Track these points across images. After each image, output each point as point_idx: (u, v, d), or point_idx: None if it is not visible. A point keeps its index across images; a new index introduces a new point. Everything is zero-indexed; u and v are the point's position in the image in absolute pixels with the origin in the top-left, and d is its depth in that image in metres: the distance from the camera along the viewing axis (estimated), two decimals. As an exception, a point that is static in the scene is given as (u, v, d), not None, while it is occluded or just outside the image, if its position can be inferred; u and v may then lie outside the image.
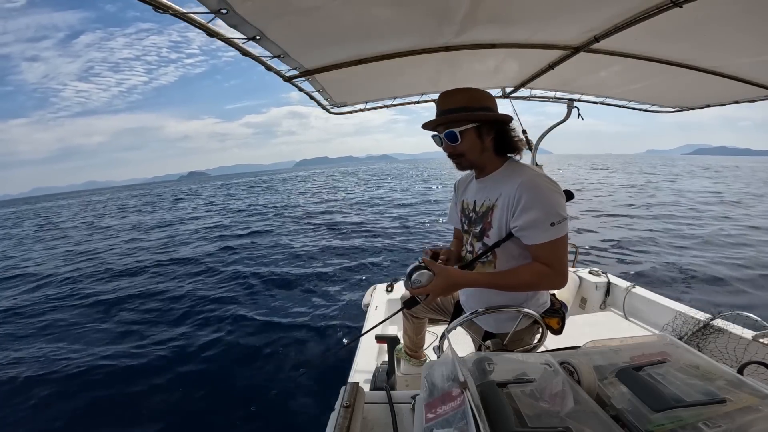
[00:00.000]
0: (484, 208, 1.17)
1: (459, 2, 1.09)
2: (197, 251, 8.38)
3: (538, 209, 1.01)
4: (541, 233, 1.01)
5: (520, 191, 1.03)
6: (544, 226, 1.00)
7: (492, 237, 1.14)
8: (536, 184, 1.04)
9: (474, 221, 1.22)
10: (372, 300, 2.58)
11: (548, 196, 1.02)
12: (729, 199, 13.59)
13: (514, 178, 1.08)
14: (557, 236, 1.01)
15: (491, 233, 1.14)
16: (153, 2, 0.74)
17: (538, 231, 1.01)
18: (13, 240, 14.61)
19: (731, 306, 3.78)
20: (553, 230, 1.00)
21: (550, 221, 1.00)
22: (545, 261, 1.03)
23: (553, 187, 1.05)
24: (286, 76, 1.49)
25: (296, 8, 0.99)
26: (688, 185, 19.99)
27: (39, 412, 2.89)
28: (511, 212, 1.06)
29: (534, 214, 1.01)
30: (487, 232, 1.15)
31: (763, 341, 1.62)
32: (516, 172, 1.11)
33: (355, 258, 6.87)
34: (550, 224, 1.00)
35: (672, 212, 10.71)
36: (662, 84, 1.97)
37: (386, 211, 13.38)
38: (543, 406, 0.59)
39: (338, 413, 0.75)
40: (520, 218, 1.03)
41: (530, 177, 1.05)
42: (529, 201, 1.02)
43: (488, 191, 1.16)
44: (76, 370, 3.41)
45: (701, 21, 1.19)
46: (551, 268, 1.03)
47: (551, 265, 1.03)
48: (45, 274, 7.55)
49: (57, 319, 4.90)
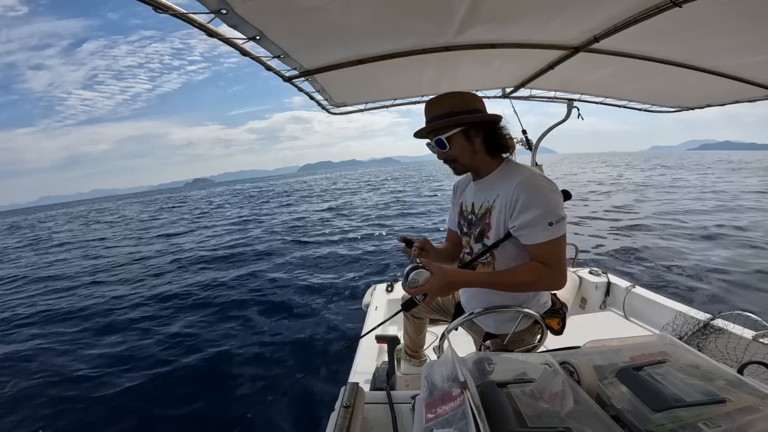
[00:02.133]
0: (482, 210, 1.17)
1: (459, 2, 1.09)
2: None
3: (536, 209, 1.01)
4: (539, 233, 1.01)
5: (518, 191, 1.03)
6: (542, 225, 1.00)
7: (491, 238, 1.13)
8: (534, 184, 1.04)
9: (473, 223, 1.22)
10: (372, 300, 2.58)
11: (546, 196, 1.02)
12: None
13: (511, 178, 1.08)
14: (555, 236, 1.01)
15: (491, 234, 1.13)
16: (153, 2, 0.74)
17: (536, 231, 1.01)
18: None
19: (731, 306, 3.78)
20: (551, 230, 1.00)
21: (548, 221, 1.00)
22: (543, 261, 1.03)
23: (551, 187, 1.05)
24: (286, 76, 1.49)
25: (296, 8, 0.99)
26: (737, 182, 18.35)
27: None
28: (509, 212, 1.06)
29: (532, 213, 1.01)
30: (486, 233, 1.15)
31: (763, 341, 1.62)
32: (513, 172, 1.11)
33: (355, 258, 6.87)
34: (548, 224, 1.00)
35: (679, 208, 10.65)
36: (662, 84, 1.97)
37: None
38: (543, 406, 0.59)
39: (338, 413, 0.75)
40: (518, 218, 1.03)
41: (528, 177, 1.05)
42: (527, 201, 1.02)
43: (486, 193, 1.16)
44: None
45: (701, 21, 1.19)
46: (550, 268, 1.02)
47: (550, 265, 1.02)
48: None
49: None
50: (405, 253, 1.25)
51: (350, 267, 6.34)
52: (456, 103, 1.10)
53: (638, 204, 12.13)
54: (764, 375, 0.86)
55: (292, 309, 4.56)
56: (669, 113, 2.60)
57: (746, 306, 3.41)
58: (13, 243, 16.91)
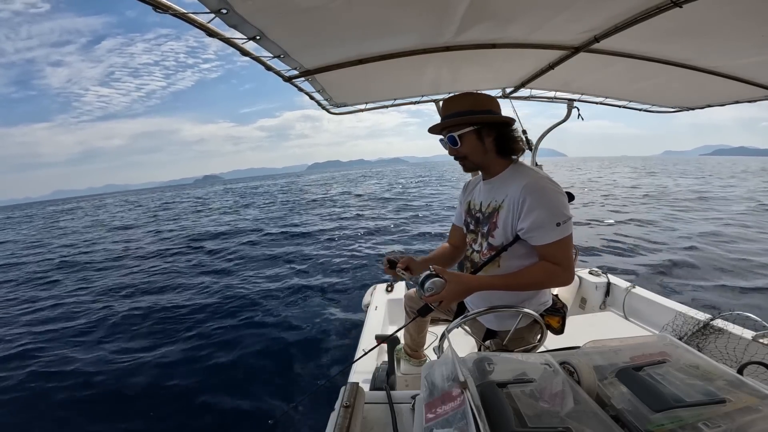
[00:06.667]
0: (490, 209, 1.20)
1: (459, 1, 1.09)
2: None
3: (543, 210, 1.04)
4: (548, 233, 1.04)
5: (525, 194, 1.06)
6: (551, 226, 1.04)
7: (497, 237, 1.16)
8: (540, 186, 1.07)
9: (481, 222, 1.25)
10: (372, 300, 2.57)
11: (552, 198, 1.06)
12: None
13: (518, 180, 1.11)
14: (564, 235, 1.05)
15: (496, 233, 1.16)
16: (153, 2, 0.74)
17: (545, 231, 1.05)
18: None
19: (731, 306, 3.78)
20: (559, 230, 1.04)
21: (556, 221, 1.04)
22: (554, 260, 1.06)
23: (556, 189, 1.08)
24: (286, 76, 1.49)
25: (296, 8, 0.99)
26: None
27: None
28: (516, 214, 1.09)
29: (540, 215, 1.04)
30: (492, 232, 1.18)
31: (763, 341, 1.62)
32: (521, 174, 1.14)
33: (354, 258, 6.87)
34: (556, 224, 1.04)
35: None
36: (662, 84, 1.97)
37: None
38: (543, 406, 0.59)
39: (338, 413, 0.75)
40: (527, 220, 1.06)
41: (534, 179, 1.09)
42: (534, 203, 1.05)
43: (495, 193, 1.19)
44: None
45: (701, 21, 1.19)
46: (560, 266, 1.06)
47: (560, 263, 1.06)
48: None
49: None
50: (387, 273, 1.28)
51: (350, 267, 6.34)
52: (471, 102, 1.14)
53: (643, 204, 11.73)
54: (764, 375, 0.86)
55: (291, 309, 4.55)
56: (669, 113, 2.60)
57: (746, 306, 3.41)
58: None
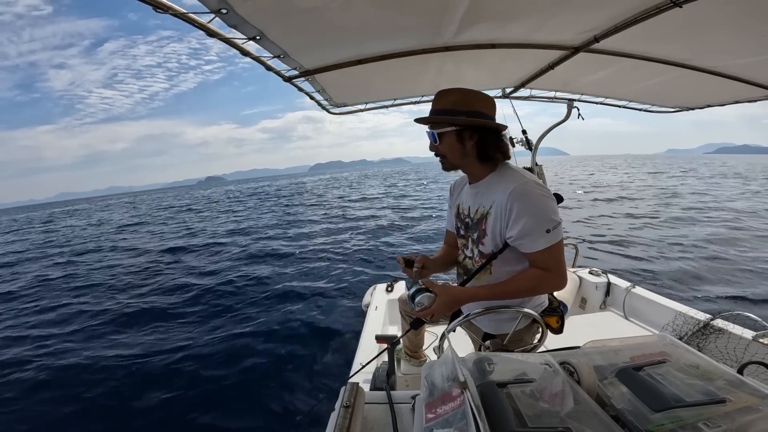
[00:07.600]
0: (478, 215, 1.16)
1: (458, 1, 1.09)
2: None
3: (531, 218, 1.00)
4: (537, 241, 1.01)
5: (512, 200, 1.02)
6: (540, 233, 1.00)
7: (486, 244, 1.13)
8: (527, 191, 1.02)
9: (470, 227, 1.21)
10: (372, 300, 2.57)
11: (540, 203, 1.01)
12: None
13: (504, 184, 1.06)
14: (554, 242, 1.01)
15: (486, 241, 1.13)
16: (153, 2, 0.74)
17: (534, 239, 1.01)
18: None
19: (731, 306, 3.78)
20: (548, 236, 1.00)
21: (545, 228, 1.00)
22: (544, 266, 1.03)
23: (544, 193, 1.04)
24: (286, 76, 1.49)
25: (296, 8, 0.99)
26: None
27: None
28: (504, 222, 1.05)
29: (528, 222, 1.00)
30: (482, 239, 1.14)
31: (763, 341, 1.62)
32: (506, 178, 1.09)
33: (355, 258, 6.87)
34: (545, 231, 1.00)
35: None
36: (662, 84, 1.97)
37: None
38: (543, 406, 0.59)
39: (338, 413, 0.75)
40: (515, 228, 1.02)
41: (521, 184, 1.03)
42: (522, 209, 1.01)
43: (481, 198, 1.15)
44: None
45: (701, 21, 1.19)
46: (550, 272, 1.03)
47: (550, 269, 1.03)
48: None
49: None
50: (405, 272, 1.26)
51: (350, 267, 6.33)
52: (457, 101, 1.07)
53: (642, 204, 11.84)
54: (764, 375, 0.86)
55: (290, 309, 4.55)
56: (669, 113, 2.60)
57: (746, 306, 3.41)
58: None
